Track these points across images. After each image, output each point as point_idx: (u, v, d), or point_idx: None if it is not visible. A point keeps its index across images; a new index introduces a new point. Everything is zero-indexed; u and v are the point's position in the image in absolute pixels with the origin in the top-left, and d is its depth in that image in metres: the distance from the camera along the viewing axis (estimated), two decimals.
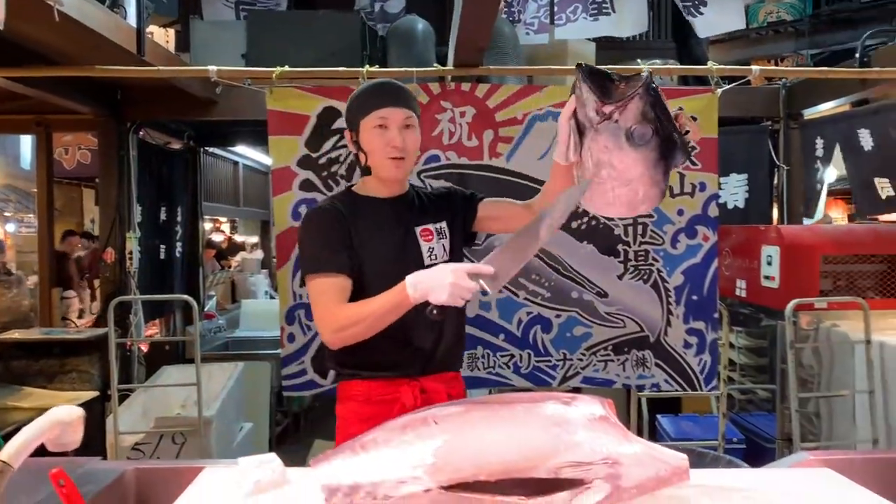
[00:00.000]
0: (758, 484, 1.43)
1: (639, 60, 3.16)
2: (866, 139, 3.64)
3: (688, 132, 2.80)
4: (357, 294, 1.83)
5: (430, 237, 1.96)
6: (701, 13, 3.97)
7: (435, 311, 1.62)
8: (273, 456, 1.42)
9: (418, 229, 1.95)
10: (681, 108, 3.13)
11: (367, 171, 1.95)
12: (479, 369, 3.17)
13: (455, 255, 2.00)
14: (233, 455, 2.68)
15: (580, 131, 1.69)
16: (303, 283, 3.08)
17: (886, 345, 3.12)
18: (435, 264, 1.81)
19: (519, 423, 1.28)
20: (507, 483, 1.21)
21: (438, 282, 1.60)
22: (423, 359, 1.93)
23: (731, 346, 4.48)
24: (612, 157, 1.63)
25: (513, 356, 3.18)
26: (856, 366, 3.23)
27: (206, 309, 5.87)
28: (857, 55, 3.71)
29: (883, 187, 3.65)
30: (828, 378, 3.47)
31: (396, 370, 1.92)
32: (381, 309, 1.72)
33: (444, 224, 2.00)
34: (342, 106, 3.01)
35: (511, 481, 1.21)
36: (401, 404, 1.87)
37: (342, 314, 1.77)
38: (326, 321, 1.80)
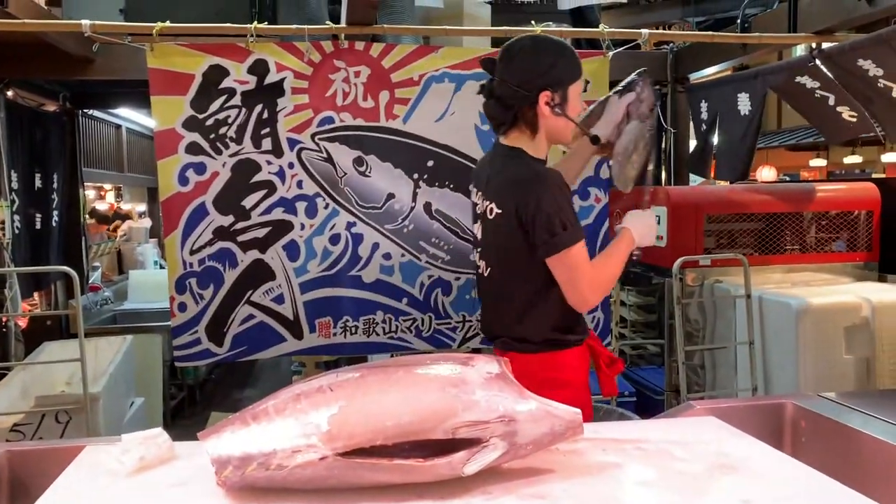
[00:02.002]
0: (648, 434, 1.48)
1: (532, 22, 3.15)
2: (744, 103, 3.80)
3: None
4: None
5: None
6: None
7: (640, 253, 1.93)
8: (160, 430, 1.36)
9: None
10: None
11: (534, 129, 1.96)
12: (378, 334, 3.15)
13: None
14: (124, 432, 2.57)
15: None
16: (189, 250, 2.96)
17: (765, 298, 3.29)
18: None
19: (415, 385, 1.26)
20: (405, 446, 1.20)
21: (651, 227, 1.88)
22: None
23: (623, 303, 4.65)
24: (640, 144, 2.05)
25: (415, 320, 3.18)
26: (737, 319, 3.41)
27: (90, 281, 5.56)
28: (739, 21, 3.85)
29: (740, 152, 3.85)
30: (711, 331, 3.64)
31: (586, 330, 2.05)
32: (622, 261, 1.90)
33: None
34: (230, 64, 2.92)
35: (409, 444, 1.20)
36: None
37: (603, 275, 1.89)
38: (597, 285, 1.88)
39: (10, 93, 4.10)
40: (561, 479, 1.27)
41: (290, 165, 2.98)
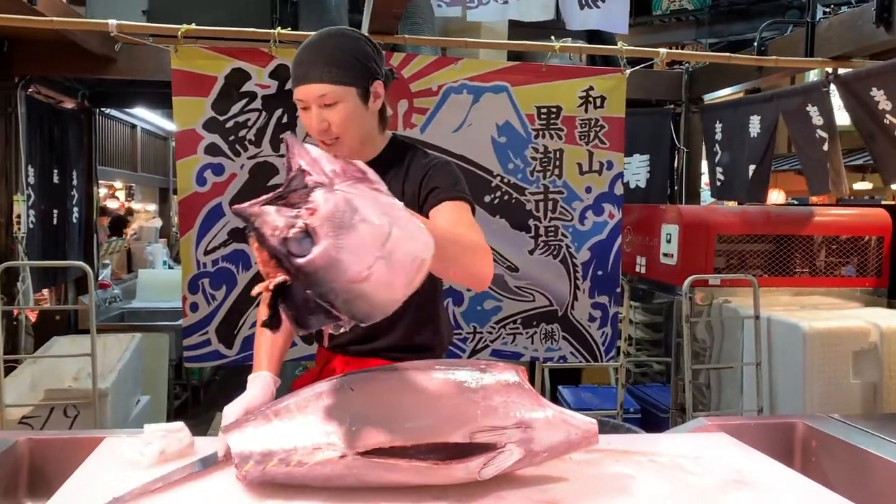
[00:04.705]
0: (661, 448, 1.49)
1: (552, 38, 3.19)
2: (755, 126, 3.83)
3: None
4: None
5: None
6: (598, 6, 3.90)
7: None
8: (181, 424, 1.37)
9: None
10: (591, 87, 3.20)
11: None
12: None
13: None
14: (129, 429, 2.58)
15: None
16: (204, 250, 3.00)
17: (773, 320, 3.30)
18: None
19: (435, 389, 1.28)
20: (422, 448, 1.21)
21: None
22: (354, 338, 1.74)
23: (630, 321, 4.65)
24: None
25: None
26: (744, 339, 3.42)
27: (100, 278, 5.59)
28: (756, 44, 3.88)
29: (752, 174, 3.87)
30: (718, 351, 3.65)
31: (320, 342, 1.85)
32: None
33: None
34: (251, 68, 2.96)
35: (427, 446, 1.21)
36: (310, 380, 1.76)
37: None
38: None
39: (30, 89, 4.14)
40: (574, 487, 1.29)
41: None
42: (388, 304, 1.01)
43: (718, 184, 4.32)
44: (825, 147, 3.36)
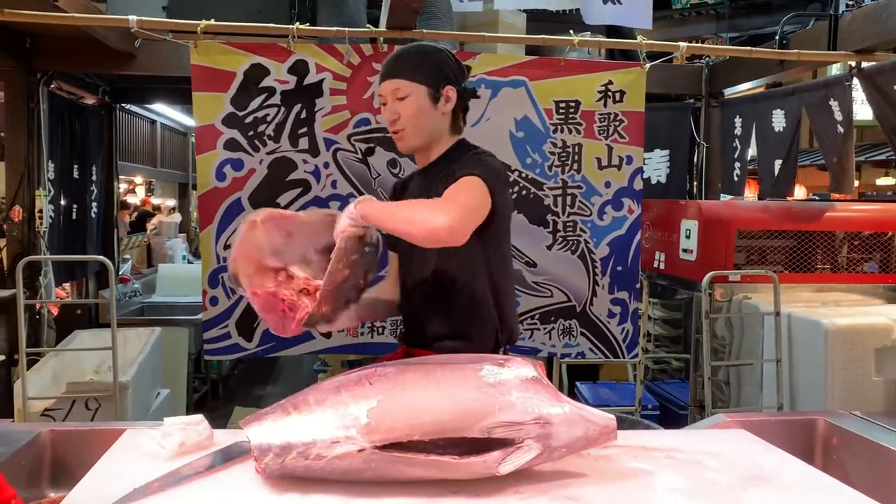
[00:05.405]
0: (679, 444, 1.48)
1: (571, 31, 3.17)
2: (779, 120, 3.79)
3: None
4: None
5: None
6: (620, 3, 3.85)
7: None
8: (200, 417, 1.39)
9: None
10: (610, 81, 3.17)
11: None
12: None
13: None
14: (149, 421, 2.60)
15: None
16: (224, 244, 3.02)
17: (794, 317, 3.27)
18: None
19: (453, 383, 1.28)
20: (440, 442, 1.21)
21: None
22: (410, 330, 1.96)
23: (649, 317, 4.63)
24: None
25: None
26: (765, 336, 3.39)
27: (120, 272, 5.65)
28: (777, 38, 3.84)
29: (778, 169, 3.82)
30: (738, 347, 3.62)
31: (398, 337, 2.03)
32: None
33: None
34: (270, 63, 2.96)
35: (445, 440, 1.21)
36: None
37: None
38: None
39: (52, 85, 4.18)
40: (593, 482, 1.28)
41: (326, 165, 3.01)
42: None
43: (736, 179, 4.28)
44: (839, 142, 3.32)
